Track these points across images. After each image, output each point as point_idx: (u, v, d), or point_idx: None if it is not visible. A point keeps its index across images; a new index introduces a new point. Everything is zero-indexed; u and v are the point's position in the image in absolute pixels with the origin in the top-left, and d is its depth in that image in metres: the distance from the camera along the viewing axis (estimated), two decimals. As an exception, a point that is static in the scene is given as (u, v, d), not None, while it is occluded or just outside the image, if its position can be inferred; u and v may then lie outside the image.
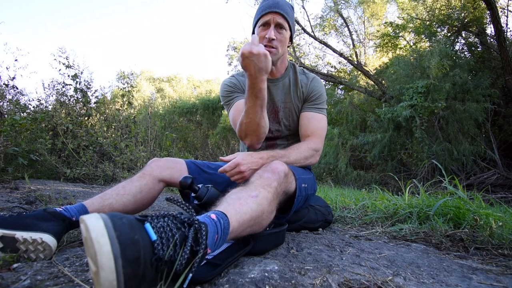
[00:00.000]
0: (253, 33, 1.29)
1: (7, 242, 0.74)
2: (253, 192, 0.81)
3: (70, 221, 0.85)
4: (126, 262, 0.45)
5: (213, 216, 0.65)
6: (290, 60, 1.38)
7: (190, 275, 0.53)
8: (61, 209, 0.87)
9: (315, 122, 1.27)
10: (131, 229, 0.49)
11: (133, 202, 1.03)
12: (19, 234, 0.75)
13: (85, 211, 0.91)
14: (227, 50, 13.90)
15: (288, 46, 1.30)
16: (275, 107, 1.33)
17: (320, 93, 1.31)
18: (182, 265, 0.52)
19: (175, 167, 1.17)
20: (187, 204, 0.63)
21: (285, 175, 0.96)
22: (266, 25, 1.19)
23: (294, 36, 1.33)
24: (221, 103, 1.45)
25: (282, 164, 0.98)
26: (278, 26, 1.19)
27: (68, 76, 4.46)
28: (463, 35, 7.39)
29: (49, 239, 0.77)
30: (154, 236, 0.51)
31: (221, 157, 1.09)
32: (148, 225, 0.52)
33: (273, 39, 1.18)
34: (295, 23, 1.30)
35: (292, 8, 1.27)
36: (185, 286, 0.53)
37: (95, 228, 0.46)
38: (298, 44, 11.01)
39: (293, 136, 1.37)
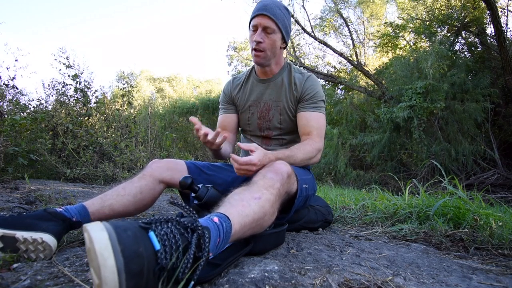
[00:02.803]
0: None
1: (7, 242, 0.74)
2: (256, 194, 0.80)
3: (70, 221, 0.85)
4: (130, 276, 0.45)
5: (216, 219, 0.64)
6: (289, 60, 1.40)
7: (192, 282, 0.54)
8: (61, 209, 0.86)
9: (314, 121, 1.25)
10: (135, 241, 0.49)
11: (133, 203, 1.03)
12: (20, 234, 0.75)
13: (85, 212, 0.91)
14: (227, 50, 13.91)
15: (284, 48, 1.30)
16: (265, 106, 1.33)
17: (315, 91, 1.28)
18: (184, 273, 0.52)
19: (175, 168, 1.17)
20: (189, 208, 0.63)
21: (288, 176, 0.96)
22: (255, 29, 1.21)
23: (294, 36, 1.36)
24: None
25: (286, 164, 0.98)
26: (266, 29, 1.19)
27: (68, 76, 4.46)
28: (463, 35, 7.40)
29: (49, 239, 0.77)
30: (158, 246, 0.51)
31: (239, 143, 1.08)
32: (152, 234, 0.52)
33: (260, 42, 1.19)
34: (288, 24, 1.29)
35: (285, 8, 1.26)
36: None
37: (99, 240, 0.46)
38: (298, 44, 11.01)
39: (286, 134, 1.36)
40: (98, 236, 0.46)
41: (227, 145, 1.32)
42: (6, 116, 3.13)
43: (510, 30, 6.67)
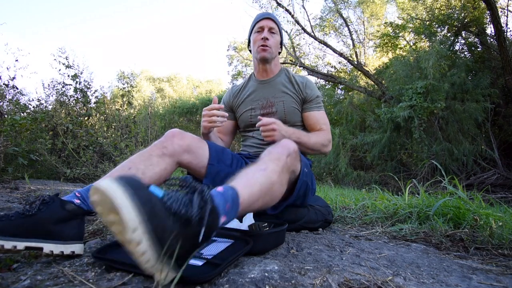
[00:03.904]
0: (249, 42, 1.48)
1: (31, 250, 0.69)
2: (262, 166, 0.82)
3: (89, 213, 0.82)
4: (142, 201, 0.48)
5: (219, 188, 0.66)
6: (290, 60, 1.52)
7: (203, 228, 0.54)
8: (79, 202, 0.81)
9: (321, 120, 1.41)
10: (140, 184, 0.51)
11: None
12: (47, 248, 0.69)
13: None
14: (228, 50, 13.94)
15: (279, 53, 1.48)
16: (268, 102, 1.42)
17: (317, 93, 1.44)
18: (196, 215, 0.53)
19: (196, 153, 1.11)
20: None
21: (294, 151, 0.97)
22: (261, 29, 1.39)
23: (294, 36, 1.51)
24: None
25: (291, 141, 1.00)
26: (271, 30, 1.39)
27: (68, 76, 4.45)
28: (463, 35, 7.40)
29: (79, 249, 0.74)
30: (160, 193, 0.53)
31: (259, 117, 1.21)
32: (153, 187, 0.54)
33: (267, 39, 1.37)
34: (283, 33, 1.54)
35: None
36: (200, 239, 0.53)
37: (103, 184, 0.49)
38: (298, 44, 11.00)
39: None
40: (101, 183, 0.49)
41: (221, 143, 1.40)
42: (6, 116, 3.13)
43: (510, 30, 6.68)
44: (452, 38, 7.22)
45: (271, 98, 1.41)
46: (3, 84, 3.71)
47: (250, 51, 1.52)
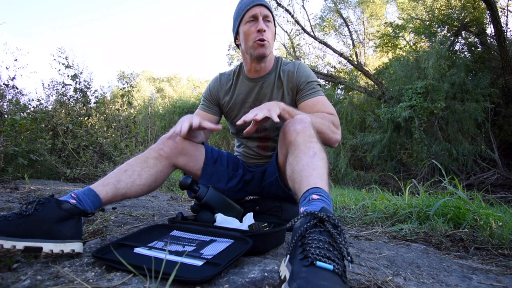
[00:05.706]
0: (236, 35, 1.24)
1: (29, 251, 0.68)
2: (310, 152, 0.83)
3: (86, 213, 0.82)
4: None
5: (315, 196, 0.70)
6: (290, 60, 1.35)
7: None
8: (74, 202, 0.80)
9: (319, 105, 1.16)
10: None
11: (146, 191, 1.01)
12: (47, 247, 0.68)
13: (99, 203, 0.87)
14: (228, 50, 13.92)
15: None
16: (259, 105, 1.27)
17: (308, 78, 1.21)
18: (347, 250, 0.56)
19: (192, 155, 1.12)
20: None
21: (311, 123, 0.94)
22: (254, 19, 1.15)
23: (294, 36, 1.38)
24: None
25: (306, 115, 0.97)
26: (266, 18, 1.16)
27: (68, 76, 4.45)
28: (463, 35, 7.40)
29: (79, 247, 0.73)
30: (331, 266, 0.52)
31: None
32: (319, 263, 0.52)
33: (265, 31, 1.14)
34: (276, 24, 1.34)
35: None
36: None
37: None
38: (298, 44, 11.01)
39: None
40: None
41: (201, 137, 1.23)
42: (6, 116, 3.13)
43: (510, 30, 6.69)
44: (452, 38, 7.23)
45: (263, 100, 1.24)
46: (3, 84, 3.71)
47: (237, 45, 1.26)
